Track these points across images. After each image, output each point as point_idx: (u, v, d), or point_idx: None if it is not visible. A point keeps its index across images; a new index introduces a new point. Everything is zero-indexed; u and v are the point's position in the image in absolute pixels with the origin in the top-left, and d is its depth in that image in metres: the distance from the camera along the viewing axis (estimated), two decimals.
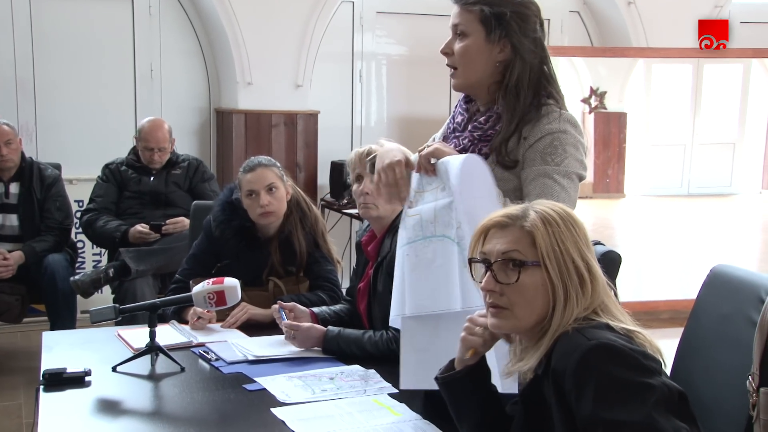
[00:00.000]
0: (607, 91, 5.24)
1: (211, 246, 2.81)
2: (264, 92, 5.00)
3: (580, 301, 1.37)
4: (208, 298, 2.22)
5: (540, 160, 1.77)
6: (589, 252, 1.42)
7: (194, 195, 4.05)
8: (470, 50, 1.85)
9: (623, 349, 1.28)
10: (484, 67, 1.86)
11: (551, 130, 1.79)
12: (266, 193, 2.71)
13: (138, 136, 4.12)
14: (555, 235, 1.39)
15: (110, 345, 2.35)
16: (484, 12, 1.83)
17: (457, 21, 1.87)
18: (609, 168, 5.36)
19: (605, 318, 1.38)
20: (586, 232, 1.44)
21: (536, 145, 1.79)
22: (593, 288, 1.39)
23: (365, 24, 5.42)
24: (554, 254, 1.38)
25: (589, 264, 1.40)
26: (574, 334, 1.32)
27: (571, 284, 1.37)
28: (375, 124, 5.55)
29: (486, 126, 1.85)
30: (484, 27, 1.84)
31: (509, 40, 1.84)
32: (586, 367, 1.26)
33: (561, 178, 1.75)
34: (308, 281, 2.77)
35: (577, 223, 1.43)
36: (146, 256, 3.81)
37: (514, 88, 1.83)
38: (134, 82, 5.09)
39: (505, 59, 1.85)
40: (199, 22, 5.17)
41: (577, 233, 1.41)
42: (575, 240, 1.40)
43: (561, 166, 1.76)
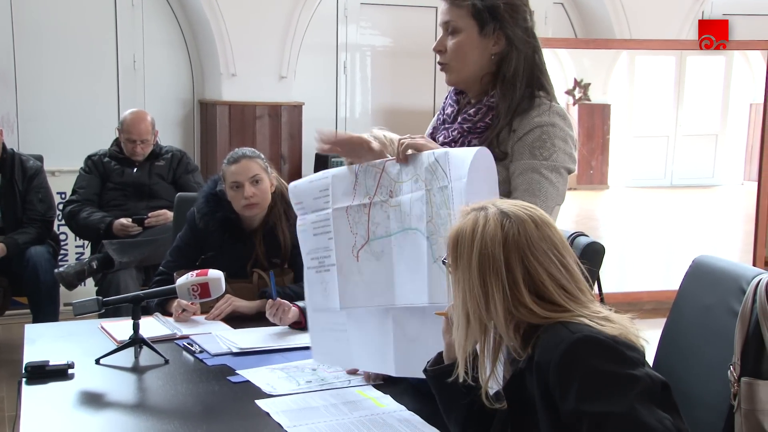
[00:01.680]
0: (591, 82, 5.26)
1: (195, 238, 2.80)
2: (248, 83, 4.98)
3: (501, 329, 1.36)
4: (192, 290, 2.21)
5: (528, 154, 1.77)
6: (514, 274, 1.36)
7: (178, 187, 4.03)
8: (464, 46, 1.84)
9: (607, 341, 1.28)
10: (479, 61, 1.85)
11: (540, 123, 1.79)
12: (250, 185, 2.70)
13: (120, 128, 4.09)
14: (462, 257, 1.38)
15: (93, 337, 2.33)
16: (476, 6, 1.82)
17: (448, 18, 1.85)
18: (593, 159, 5.38)
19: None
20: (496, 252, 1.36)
21: (525, 137, 1.79)
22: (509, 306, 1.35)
23: (350, 15, 5.40)
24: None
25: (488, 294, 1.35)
26: (557, 326, 1.32)
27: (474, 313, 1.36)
28: (360, 116, 5.54)
29: (476, 118, 1.85)
30: (477, 21, 1.83)
31: (503, 32, 1.84)
32: (571, 360, 1.26)
33: (549, 173, 1.76)
34: (293, 273, 2.76)
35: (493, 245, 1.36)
36: (130, 248, 3.79)
37: (511, 80, 1.83)
38: (117, 73, 5.05)
39: (499, 51, 1.85)
40: (183, 13, 5.13)
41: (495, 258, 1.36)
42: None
43: (549, 160, 1.77)
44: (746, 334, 1.60)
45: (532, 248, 1.36)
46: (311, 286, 1.99)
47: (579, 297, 1.37)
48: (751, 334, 1.60)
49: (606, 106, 5.42)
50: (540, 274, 1.35)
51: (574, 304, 1.35)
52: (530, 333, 1.35)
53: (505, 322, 1.35)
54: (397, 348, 1.81)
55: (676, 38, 5.52)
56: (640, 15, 5.50)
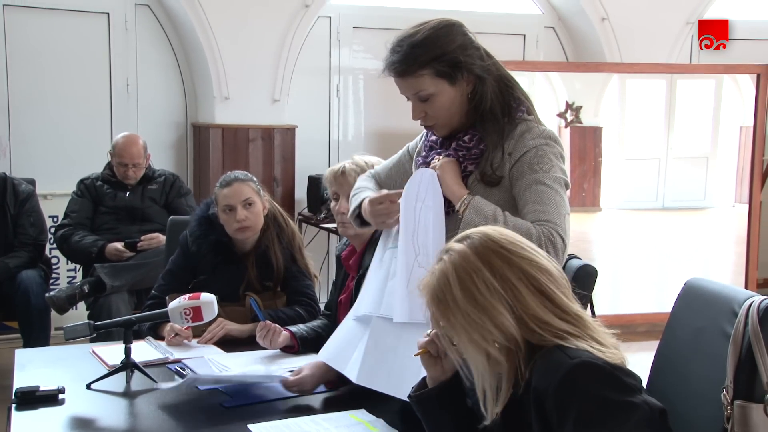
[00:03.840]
0: (582, 105, 5.30)
1: (187, 261, 2.79)
2: (241, 107, 4.99)
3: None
4: (184, 314, 2.21)
5: (529, 170, 1.81)
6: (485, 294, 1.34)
7: (171, 210, 4.02)
8: (445, 105, 1.86)
9: (605, 367, 1.27)
10: (461, 108, 1.88)
11: (534, 144, 1.83)
12: (243, 208, 2.70)
13: (112, 151, 4.10)
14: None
15: (85, 362, 2.32)
16: (437, 69, 1.83)
17: (414, 90, 1.86)
18: (585, 182, 5.40)
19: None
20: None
21: (522, 158, 1.82)
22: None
23: (342, 38, 5.44)
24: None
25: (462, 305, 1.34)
26: (555, 351, 1.31)
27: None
28: (352, 139, 5.56)
29: (471, 145, 1.88)
30: (445, 79, 1.84)
31: (470, 73, 1.86)
32: (569, 387, 1.25)
33: (553, 183, 1.79)
34: (285, 296, 2.76)
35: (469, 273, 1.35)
36: (122, 271, 3.77)
37: (489, 112, 1.86)
38: (110, 97, 5.06)
39: (473, 89, 1.88)
40: (176, 37, 5.15)
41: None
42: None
43: (550, 172, 1.80)
44: (739, 357, 1.61)
45: (508, 250, 1.35)
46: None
47: (569, 312, 1.36)
48: (743, 357, 1.60)
49: (598, 128, 5.46)
50: (525, 302, 1.33)
51: (567, 324, 1.34)
52: (528, 356, 1.34)
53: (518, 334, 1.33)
54: (365, 355, 1.82)
55: (666, 61, 5.57)
56: (631, 38, 5.55)
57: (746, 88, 5.49)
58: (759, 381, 1.58)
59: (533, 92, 5.23)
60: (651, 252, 5.52)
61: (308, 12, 5.05)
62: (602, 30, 5.54)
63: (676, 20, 5.63)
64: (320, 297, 2.89)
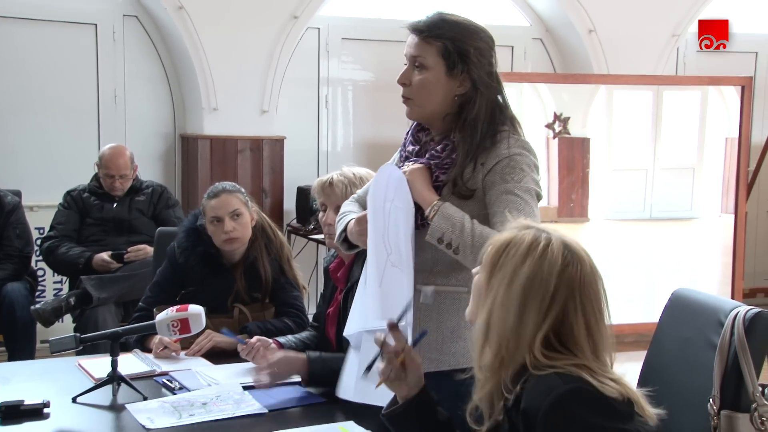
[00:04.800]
0: (570, 116, 5.32)
1: (175, 273, 2.78)
2: (229, 118, 4.99)
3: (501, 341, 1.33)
4: (171, 326, 2.20)
5: (500, 180, 1.81)
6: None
7: (158, 222, 4.01)
8: (430, 84, 1.87)
9: (596, 393, 1.25)
10: (443, 101, 1.88)
11: (507, 155, 1.83)
12: (230, 220, 2.70)
13: (99, 163, 4.08)
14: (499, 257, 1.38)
15: (70, 375, 2.30)
16: (447, 47, 1.85)
17: (417, 53, 1.88)
18: (573, 192, 5.42)
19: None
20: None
21: (494, 168, 1.82)
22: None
23: (331, 50, 5.45)
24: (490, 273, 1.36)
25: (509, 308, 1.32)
26: (551, 375, 1.28)
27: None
28: (341, 149, 5.56)
29: (443, 155, 1.87)
30: (446, 61, 1.85)
31: (469, 75, 1.86)
32: (560, 412, 1.23)
33: (523, 194, 1.79)
34: (274, 308, 2.75)
35: (540, 264, 1.33)
36: (108, 283, 3.75)
37: (471, 123, 1.86)
38: (98, 108, 5.05)
39: (463, 93, 1.88)
40: (164, 48, 5.15)
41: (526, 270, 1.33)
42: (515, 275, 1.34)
43: (521, 183, 1.80)
44: (725, 367, 1.62)
45: (582, 291, 1.31)
46: None
47: (600, 353, 1.32)
48: (730, 367, 1.61)
49: (585, 139, 5.48)
50: (574, 321, 1.30)
51: (589, 356, 1.30)
52: (521, 371, 1.32)
53: (516, 352, 1.31)
54: (349, 370, 1.82)
55: (652, 73, 5.61)
56: (618, 50, 5.60)
57: (731, 100, 5.53)
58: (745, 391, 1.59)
59: (521, 103, 5.25)
60: (638, 262, 5.54)
61: (297, 23, 5.06)
62: (589, 42, 5.58)
63: (661, 32, 5.69)
64: (309, 308, 2.88)
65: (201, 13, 4.85)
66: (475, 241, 1.69)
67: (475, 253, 1.69)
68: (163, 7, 4.81)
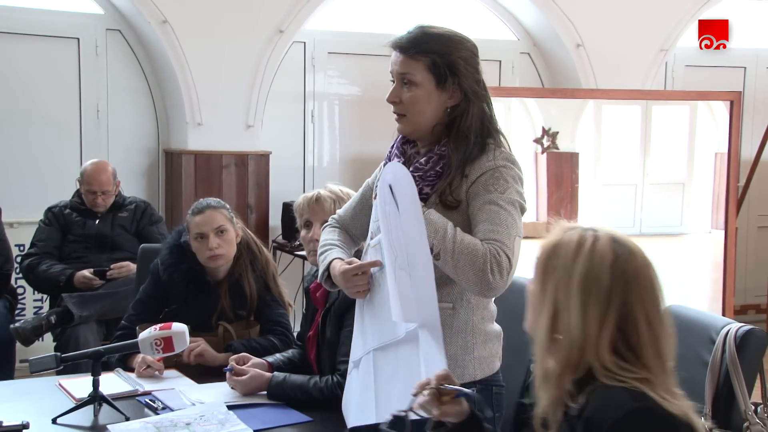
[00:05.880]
0: (558, 131, 5.35)
1: (158, 290, 2.77)
2: (214, 133, 4.99)
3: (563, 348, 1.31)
4: (155, 345, 2.18)
5: (484, 191, 1.82)
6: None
7: (142, 238, 3.99)
8: (421, 99, 1.88)
9: (665, 418, 1.24)
10: (434, 113, 1.89)
11: (491, 166, 1.84)
12: (215, 236, 2.69)
13: (81, 179, 4.06)
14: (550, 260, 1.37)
15: (50, 395, 2.28)
16: (434, 62, 1.86)
17: (404, 70, 1.89)
18: (562, 208, 5.44)
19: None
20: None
21: (478, 180, 1.84)
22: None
23: (317, 64, 5.47)
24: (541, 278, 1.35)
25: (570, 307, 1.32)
26: (619, 389, 1.27)
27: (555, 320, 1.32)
28: (327, 165, 5.56)
29: (427, 167, 1.88)
30: (434, 76, 1.87)
31: (459, 86, 1.88)
32: (626, 428, 1.23)
33: (506, 204, 1.80)
34: (259, 325, 2.74)
35: (593, 262, 1.34)
36: (90, 301, 3.73)
37: (464, 132, 1.87)
38: (80, 123, 5.03)
39: (455, 104, 1.89)
40: (148, 62, 5.15)
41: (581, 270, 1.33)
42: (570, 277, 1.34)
43: (505, 194, 1.81)
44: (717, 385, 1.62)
45: (638, 281, 1.31)
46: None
47: (663, 356, 1.31)
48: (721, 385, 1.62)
49: (574, 154, 5.52)
50: (637, 316, 1.29)
51: (654, 367, 1.29)
52: (587, 379, 1.31)
53: (583, 356, 1.29)
54: (378, 391, 1.82)
55: (641, 88, 5.67)
56: (606, 64, 5.65)
57: (720, 115, 5.58)
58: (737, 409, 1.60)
59: (509, 118, 5.29)
60: None
61: (282, 37, 5.08)
62: (577, 56, 5.63)
63: (650, 47, 5.75)
64: (295, 326, 2.87)
65: (185, 26, 4.86)
66: (456, 248, 1.70)
67: (455, 261, 1.69)
68: (146, 20, 4.81)
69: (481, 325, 1.90)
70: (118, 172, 4.17)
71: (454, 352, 1.85)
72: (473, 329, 1.88)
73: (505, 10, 5.76)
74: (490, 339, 1.92)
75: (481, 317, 1.90)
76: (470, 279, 1.69)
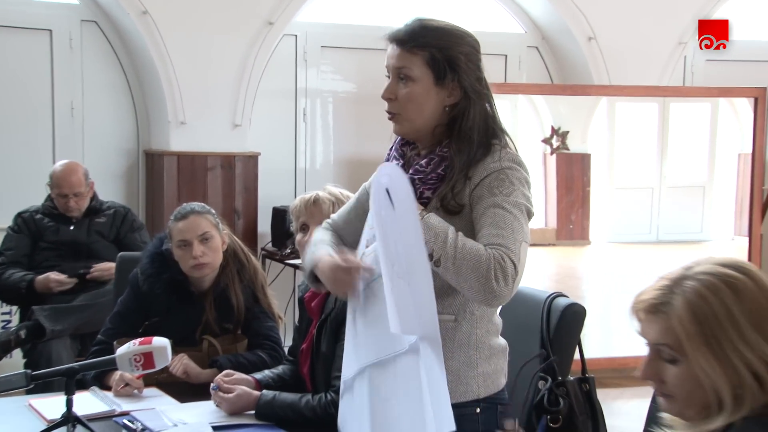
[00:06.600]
0: (569, 131, 5.37)
1: (138, 302, 2.77)
2: (198, 132, 4.99)
3: (755, 399, 1.27)
4: (134, 361, 2.18)
5: (488, 194, 1.82)
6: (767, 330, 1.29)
7: (121, 246, 3.98)
8: (418, 96, 1.88)
9: None
10: (433, 112, 1.89)
11: (496, 168, 1.85)
12: (199, 243, 2.69)
13: (50, 182, 4.05)
14: (706, 326, 1.29)
15: (20, 417, 2.28)
16: (433, 56, 1.86)
17: (401, 64, 1.88)
18: (572, 213, 5.45)
19: None
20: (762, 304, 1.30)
21: (483, 182, 1.84)
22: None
23: (309, 59, 5.48)
24: (707, 350, 1.29)
25: (764, 354, 1.28)
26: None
27: (739, 382, 1.28)
28: (321, 167, 5.57)
29: (428, 169, 1.89)
30: (433, 71, 1.87)
31: (459, 84, 1.88)
32: None
33: (512, 208, 1.80)
34: (247, 339, 2.74)
35: (744, 298, 1.30)
36: (64, 314, 3.73)
37: (467, 133, 1.87)
38: (53, 121, 5.03)
39: (454, 103, 1.89)
40: (126, 56, 5.16)
41: (743, 316, 1.29)
42: (739, 327, 1.28)
43: (511, 197, 1.81)
44: None
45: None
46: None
47: None
48: None
49: (586, 155, 5.53)
50: None
51: None
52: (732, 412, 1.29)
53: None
54: (375, 410, 1.82)
55: (658, 83, 5.68)
56: (620, 59, 5.66)
57: (744, 113, 5.60)
58: None
59: (516, 117, 5.30)
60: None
61: (272, 30, 5.09)
62: (589, 50, 5.64)
63: (667, 40, 5.76)
64: (285, 340, 2.87)
65: (167, 18, 4.87)
66: (457, 254, 1.70)
67: (457, 267, 1.69)
68: (125, 11, 4.82)
69: (485, 338, 1.90)
70: (95, 175, 4.16)
71: (457, 367, 1.85)
72: (477, 343, 1.88)
73: (510, 1, 5.78)
74: (494, 354, 1.92)
75: (486, 330, 1.90)
76: (473, 286, 1.69)
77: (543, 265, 5.33)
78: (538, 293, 2.48)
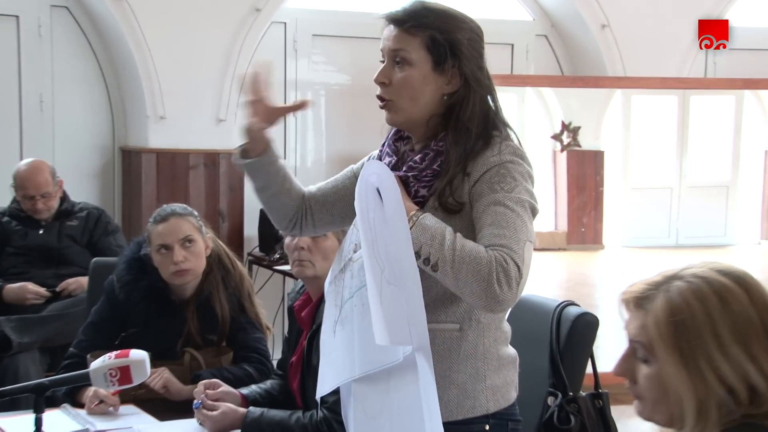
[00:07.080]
0: (581, 126, 5.38)
1: (113, 312, 2.78)
2: (179, 128, 5.00)
3: (730, 413, 1.29)
4: (109, 375, 2.17)
5: (488, 190, 1.82)
6: (752, 348, 1.30)
7: (95, 251, 3.99)
8: (415, 81, 1.88)
9: None
10: (429, 100, 1.89)
11: (497, 162, 1.84)
12: (181, 248, 2.70)
13: (14, 183, 4.04)
14: (682, 332, 1.31)
15: None
16: (434, 39, 1.86)
17: (398, 46, 1.88)
18: (584, 215, 5.47)
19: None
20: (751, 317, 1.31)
21: (483, 177, 1.83)
22: (754, 401, 1.28)
23: (300, 48, 5.49)
24: (678, 357, 1.30)
25: (745, 372, 1.29)
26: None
27: (706, 396, 1.29)
28: (312, 165, 5.58)
29: (422, 165, 1.89)
30: (432, 55, 1.86)
31: (460, 71, 1.88)
32: None
33: (514, 205, 1.79)
34: (232, 352, 2.75)
35: (732, 310, 1.31)
36: (32, 325, 3.72)
37: (465, 125, 1.87)
38: (20, 115, 5.03)
39: (453, 91, 1.89)
40: (101, 44, 5.16)
41: (727, 328, 1.30)
42: (720, 340, 1.29)
43: (512, 193, 1.81)
44: None
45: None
46: None
47: None
48: None
49: (599, 153, 5.55)
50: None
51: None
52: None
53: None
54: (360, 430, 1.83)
55: (677, 75, 5.69)
56: (636, 49, 5.67)
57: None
58: None
59: (523, 111, 5.32)
60: None
61: (259, 17, 5.10)
62: (602, 39, 5.66)
63: (687, 28, 5.76)
64: (273, 352, 2.88)
65: (145, 4, 4.87)
66: (456, 257, 1.69)
67: (456, 271, 1.69)
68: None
69: (493, 348, 1.89)
70: (66, 174, 4.17)
71: (463, 380, 1.84)
72: (485, 354, 1.87)
73: None
74: (504, 365, 1.91)
75: (494, 339, 1.90)
76: (474, 291, 1.69)
77: (552, 272, 5.33)
78: (548, 302, 2.48)
